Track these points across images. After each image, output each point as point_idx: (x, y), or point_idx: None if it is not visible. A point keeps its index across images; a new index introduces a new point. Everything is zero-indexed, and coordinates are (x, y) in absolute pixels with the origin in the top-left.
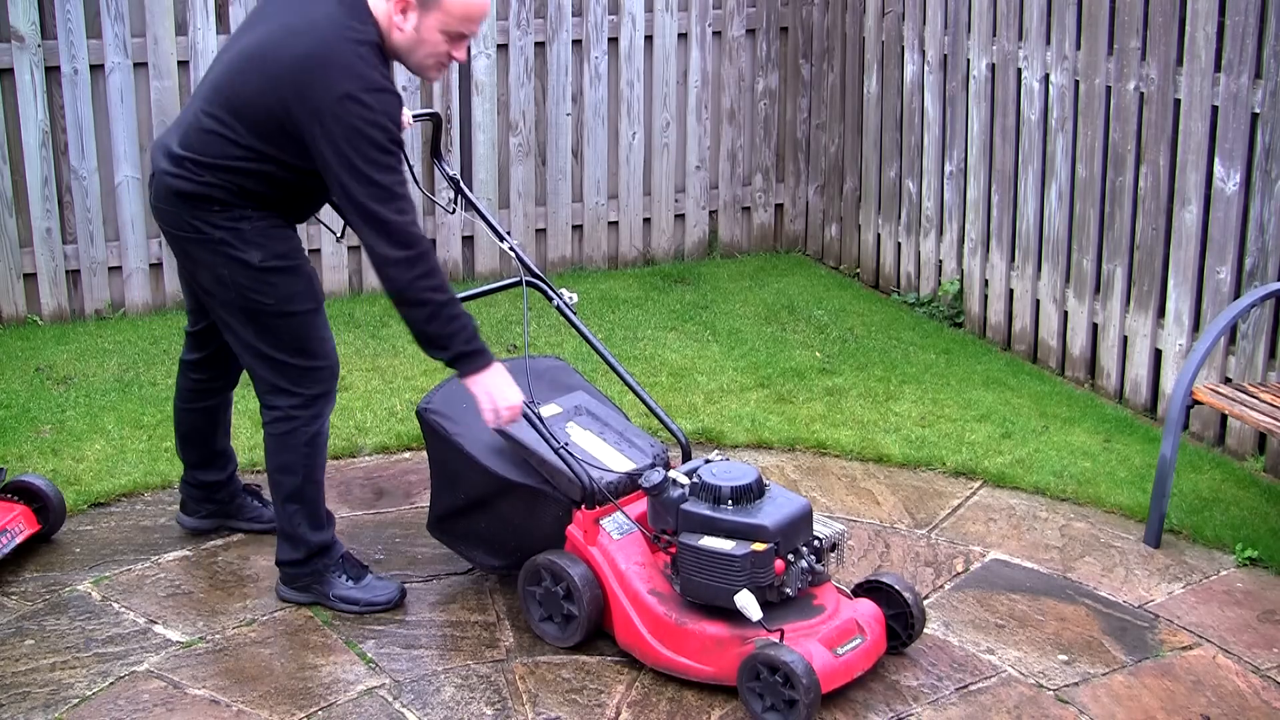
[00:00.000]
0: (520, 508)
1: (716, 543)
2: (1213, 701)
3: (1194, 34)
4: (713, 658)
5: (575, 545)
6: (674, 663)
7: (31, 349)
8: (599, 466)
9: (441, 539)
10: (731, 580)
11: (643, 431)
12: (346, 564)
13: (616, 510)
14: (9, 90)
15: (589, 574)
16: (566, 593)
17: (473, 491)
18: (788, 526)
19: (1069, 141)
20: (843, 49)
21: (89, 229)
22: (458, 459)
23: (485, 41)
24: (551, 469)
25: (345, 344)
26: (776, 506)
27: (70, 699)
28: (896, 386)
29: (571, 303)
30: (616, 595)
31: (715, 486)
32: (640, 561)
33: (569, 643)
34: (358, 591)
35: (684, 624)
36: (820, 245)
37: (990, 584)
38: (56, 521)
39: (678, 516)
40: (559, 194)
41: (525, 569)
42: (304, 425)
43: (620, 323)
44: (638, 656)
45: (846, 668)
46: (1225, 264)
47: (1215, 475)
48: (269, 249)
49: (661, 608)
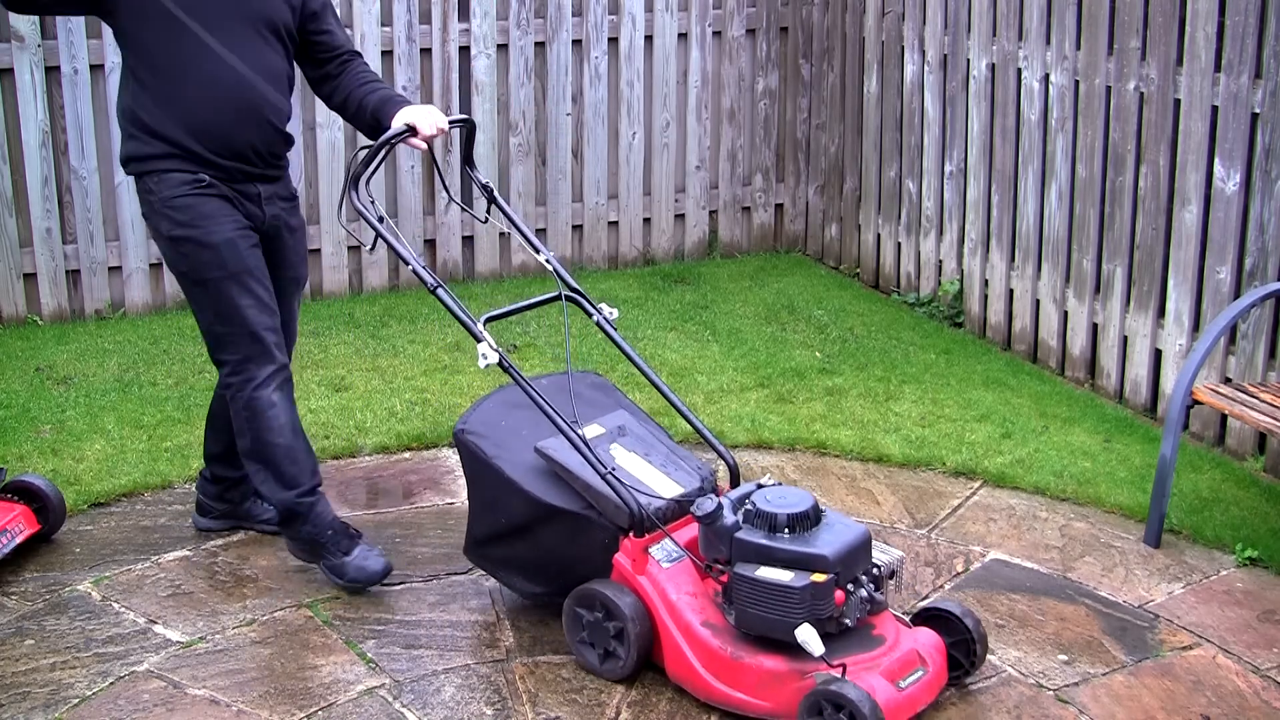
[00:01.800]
0: (563, 534)
1: (774, 573)
2: (1213, 701)
3: (1194, 34)
4: (770, 693)
5: (623, 574)
6: (729, 698)
7: (31, 349)
8: (646, 492)
9: (480, 564)
10: (790, 613)
11: (688, 453)
12: (340, 533)
13: (665, 537)
14: (9, 90)
15: (638, 605)
16: (613, 623)
17: (513, 517)
18: (847, 555)
19: (1069, 141)
20: (843, 49)
21: (89, 229)
22: (497, 483)
23: (485, 41)
24: (597, 494)
25: (345, 344)
26: (835, 534)
27: (70, 699)
28: (896, 386)
29: (612, 318)
30: (667, 627)
31: (771, 514)
32: (692, 592)
33: (618, 676)
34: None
35: (740, 658)
36: (820, 245)
37: (990, 584)
38: (56, 521)
39: (731, 545)
40: (559, 194)
41: (567, 603)
42: (237, 391)
43: (620, 323)
44: (690, 690)
45: (910, 702)
46: (1225, 264)
47: (1215, 475)
48: (172, 218)
49: (716, 641)
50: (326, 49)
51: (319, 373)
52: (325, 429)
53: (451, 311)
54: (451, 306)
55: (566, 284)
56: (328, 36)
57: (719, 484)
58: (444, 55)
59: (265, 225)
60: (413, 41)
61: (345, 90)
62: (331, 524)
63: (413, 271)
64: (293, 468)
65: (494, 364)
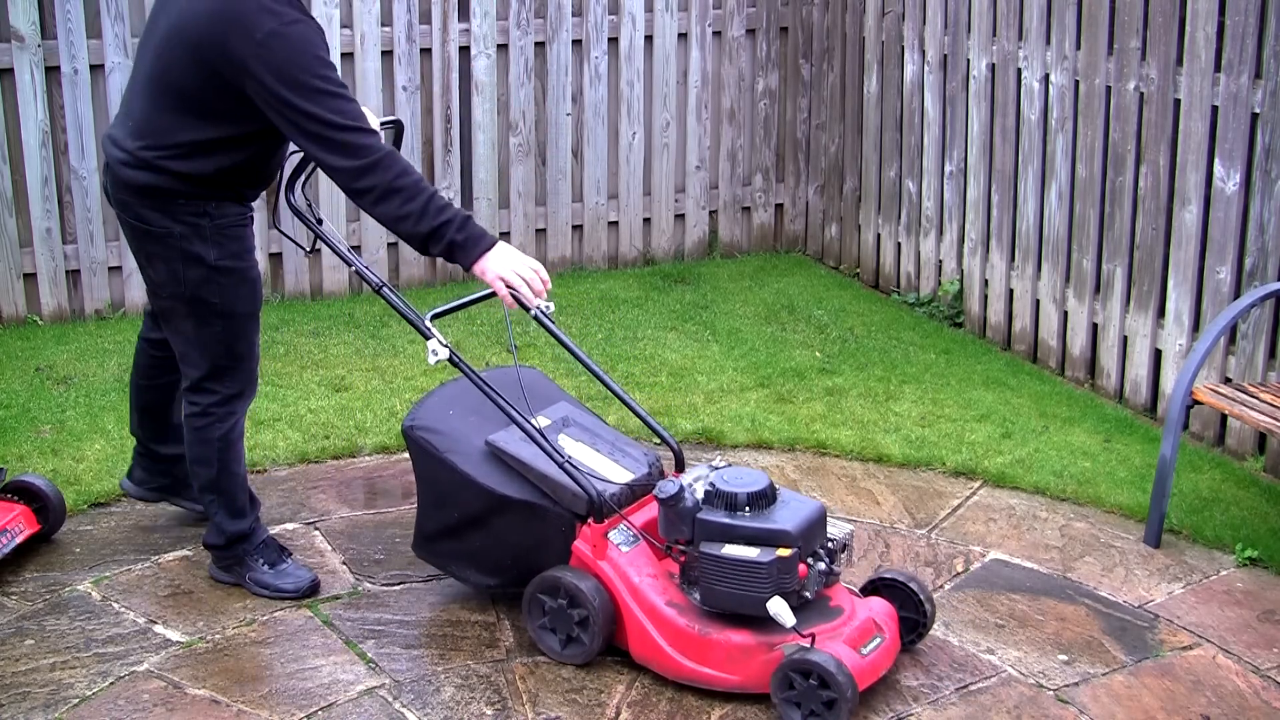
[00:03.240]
0: (519, 525)
1: (740, 550)
2: (1213, 701)
3: (1194, 34)
4: (739, 667)
5: (583, 560)
6: (698, 674)
7: (31, 349)
8: (600, 478)
9: (430, 560)
10: (758, 587)
11: (633, 440)
12: (266, 549)
13: (621, 522)
14: (9, 90)
15: (600, 589)
16: (577, 610)
17: (467, 510)
18: (807, 530)
19: (1069, 141)
20: (843, 49)
21: (89, 229)
22: (450, 477)
23: (485, 41)
24: (555, 484)
25: (345, 344)
26: (793, 510)
27: (70, 699)
28: (896, 386)
29: (549, 311)
30: (631, 609)
31: (732, 494)
32: (653, 573)
33: (582, 660)
34: (271, 577)
35: (707, 634)
36: (820, 245)
37: (990, 584)
38: (56, 521)
39: (694, 526)
40: (559, 194)
41: (529, 590)
42: (218, 422)
43: (620, 323)
44: (657, 670)
45: (873, 667)
46: (1225, 264)
47: (1215, 475)
48: (225, 248)
49: (682, 619)
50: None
51: (319, 373)
52: (325, 429)
53: (398, 310)
54: (398, 305)
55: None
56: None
57: (664, 468)
58: (444, 55)
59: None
60: (413, 41)
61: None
62: (266, 541)
63: (355, 272)
64: (242, 496)
65: (444, 359)
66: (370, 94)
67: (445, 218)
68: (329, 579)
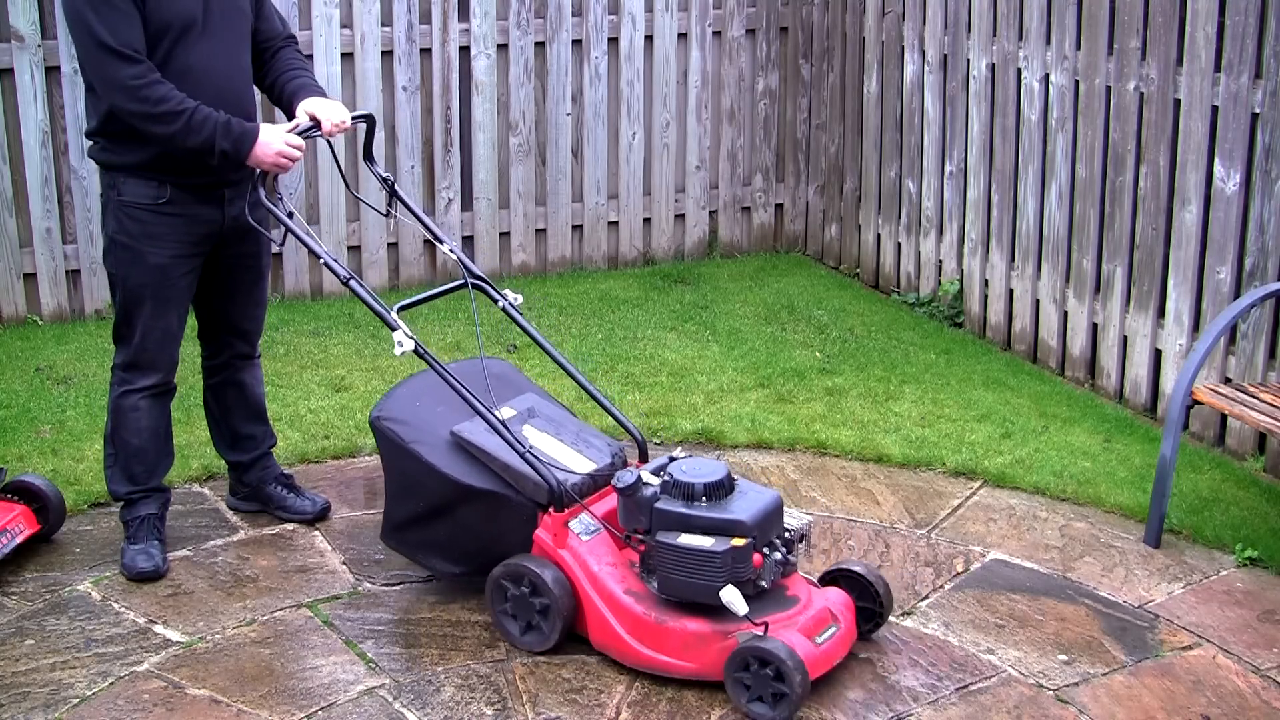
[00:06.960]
0: (482, 514)
1: (695, 540)
2: (1213, 701)
3: (1194, 34)
4: (694, 654)
5: (544, 549)
6: (655, 661)
7: (31, 349)
8: (561, 468)
9: (398, 548)
10: (713, 576)
11: (597, 431)
12: (142, 525)
13: (582, 511)
14: (9, 90)
15: (561, 577)
16: (539, 598)
17: (432, 499)
18: (763, 520)
19: (1069, 141)
20: (843, 49)
21: (89, 229)
22: (415, 467)
23: (485, 41)
24: (517, 474)
25: (345, 344)
26: (749, 501)
27: (70, 699)
28: (896, 386)
29: (516, 303)
30: (590, 597)
31: (689, 484)
32: (612, 562)
33: (543, 647)
34: (126, 553)
35: (664, 622)
36: (820, 245)
37: (990, 584)
38: (56, 521)
39: (651, 515)
40: (559, 194)
41: (492, 577)
42: (115, 384)
43: (620, 323)
44: (615, 657)
45: (826, 656)
46: (1225, 264)
47: (1215, 475)
48: (123, 226)
49: (640, 607)
50: (265, 37)
51: (319, 373)
52: (325, 429)
53: (366, 303)
54: (365, 298)
55: (471, 272)
56: (267, 25)
57: (628, 459)
58: (444, 55)
59: (225, 227)
60: (413, 41)
61: (273, 75)
62: (144, 519)
63: (323, 265)
64: (138, 467)
65: (410, 351)
66: (370, 94)
67: (208, 131)
68: (329, 579)
